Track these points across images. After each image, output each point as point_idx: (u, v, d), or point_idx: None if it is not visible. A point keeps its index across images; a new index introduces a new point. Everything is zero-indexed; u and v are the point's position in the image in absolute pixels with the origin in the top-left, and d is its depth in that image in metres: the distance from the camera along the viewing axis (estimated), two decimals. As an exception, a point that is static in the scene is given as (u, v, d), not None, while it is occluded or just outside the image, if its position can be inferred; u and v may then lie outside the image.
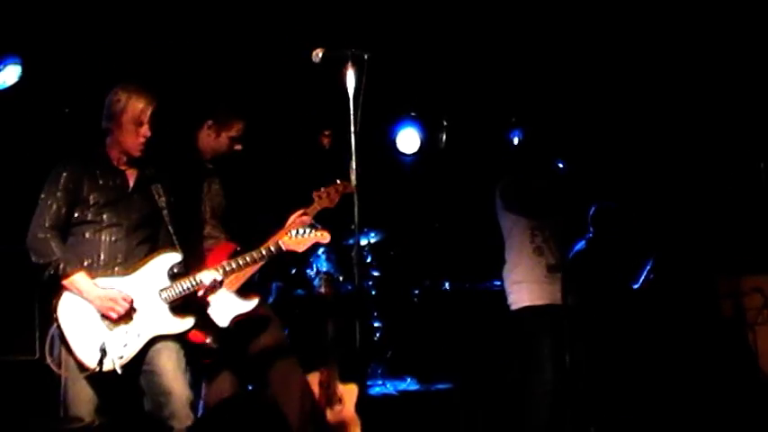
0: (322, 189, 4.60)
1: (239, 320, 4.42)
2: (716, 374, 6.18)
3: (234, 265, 4.20)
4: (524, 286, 5.10)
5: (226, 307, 4.38)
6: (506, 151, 6.02)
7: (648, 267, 6.55)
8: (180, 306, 4.08)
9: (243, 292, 4.45)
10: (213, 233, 4.58)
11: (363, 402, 5.98)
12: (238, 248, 4.46)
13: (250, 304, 4.45)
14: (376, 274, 7.53)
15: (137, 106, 4.03)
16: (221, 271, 4.16)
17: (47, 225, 3.95)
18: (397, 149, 7.64)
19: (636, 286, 6.55)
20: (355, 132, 3.67)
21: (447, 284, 7.52)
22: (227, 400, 4.53)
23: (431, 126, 7.66)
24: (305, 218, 4.52)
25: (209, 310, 4.31)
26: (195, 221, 4.54)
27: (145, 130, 4.05)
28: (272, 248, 4.28)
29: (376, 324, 7.38)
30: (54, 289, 3.94)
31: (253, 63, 6.64)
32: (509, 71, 7.08)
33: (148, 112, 4.05)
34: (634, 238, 6.57)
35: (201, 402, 4.49)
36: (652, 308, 6.46)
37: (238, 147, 4.67)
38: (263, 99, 6.64)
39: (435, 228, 7.79)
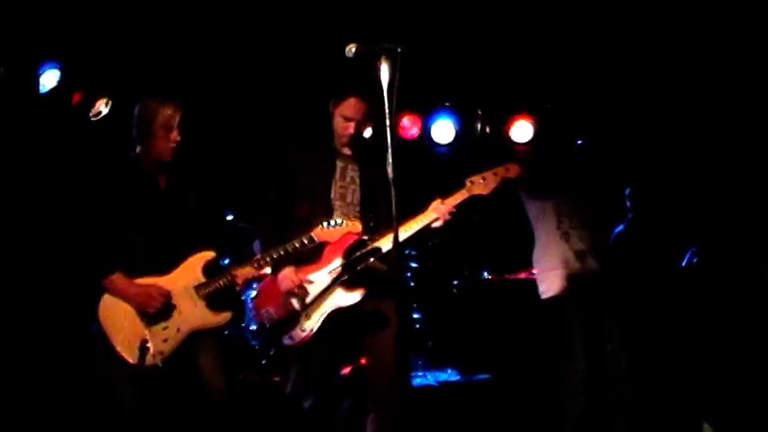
0: (477, 174, 4.34)
1: (344, 312, 4.35)
2: (760, 360, 6.10)
3: (267, 258, 4.25)
4: (554, 274, 5.06)
5: (326, 295, 4.36)
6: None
7: (692, 251, 6.50)
8: (217, 301, 4.20)
9: (348, 284, 4.36)
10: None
11: (404, 394, 6.02)
12: (365, 238, 4.36)
13: (353, 297, 4.34)
14: (415, 265, 7.54)
15: (166, 113, 4.21)
16: (255, 265, 4.23)
17: (86, 226, 4.10)
18: (432, 140, 7.61)
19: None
20: (390, 126, 3.66)
21: (486, 274, 7.52)
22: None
23: (466, 116, 7.61)
24: (444, 206, 4.32)
25: (308, 299, 4.31)
26: (312, 210, 4.45)
27: (175, 135, 4.23)
28: (305, 240, 4.28)
29: (416, 315, 7.40)
30: (95, 288, 4.08)
31: (285, 58, 6.69)
32: (544, 58, 7.02)
33: (177, 118, 4.23)
34: (676, 220, 6.51)
35: (290, 385, 4.45)
36: (695, 292, 6.40)
37: (349, 129, 4.50)
38: (297, 94, 6.69)
39: (473, 218, 7.77)
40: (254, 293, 4.66)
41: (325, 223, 4.29)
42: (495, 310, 7.22)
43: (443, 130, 7.51)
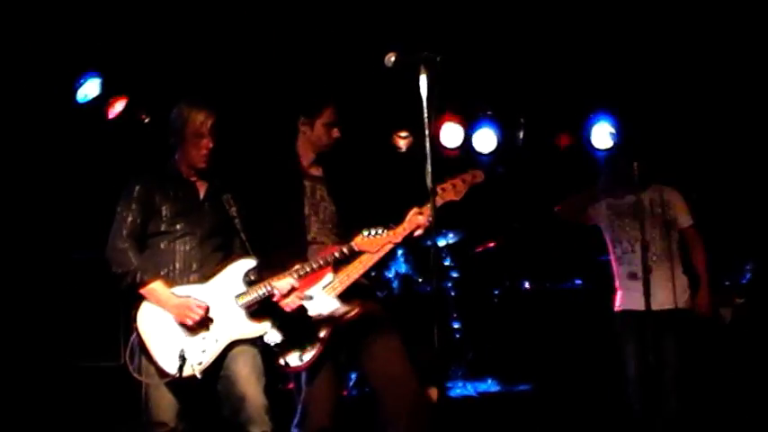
0: (447, 180, 4.33)
1: (344, 322, 4.33)
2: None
3: (308, 269, 4.18)
4: (618, 293, 5.32)
5: (326, 311, 4.32)
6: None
7: (748, 268, 6.43)
8: (256, 311, 4.14)
9: (346, 297, 4.34)
10: (319, 238, 4.48)
11: (443, 404, 5.95)
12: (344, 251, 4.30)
13: (351, 309, 4.34)
14: (455, 275, 7.50)
15: (197, 119, 4.14)
16: (296, 276, 4.15)
17: (124, 235, 4.07)
18: (474, 149, 7.57)
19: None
20: (429, 136, 3.56)
21: (527, 284, 7.44)
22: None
23: (508, 125, 7.59)
24: (422, 216, 4.30)
25: (310, 313, 4.27)
26: (288, 227, 4.46)
27: (207, 143, 4.16)
28: (345, 250, 4.22)
29: (456, 325, 7.35)
30: (133, 298, 4.04)
31: (327, 68, 6.66)
32: (587, 66, 6.92)
33: (209, 124, 4.15)
34: (734, 230, 6.44)
35: (300, 407, 4.40)
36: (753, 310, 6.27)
37: (336, 133, 4.53)
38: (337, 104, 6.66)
39: (514, 227, 7.71)
40: None
41: (365, 232, 4.21)
42: (536, 320, 7.18)
43: (485, 139, 7.51)
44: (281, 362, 4.30)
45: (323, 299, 4.32)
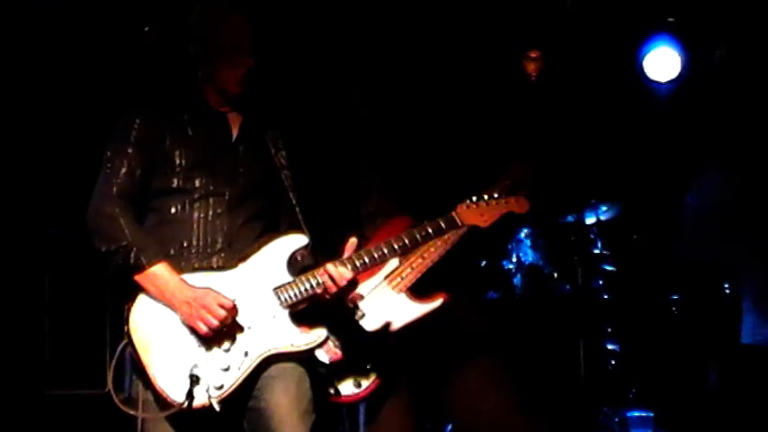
0: (497, 184, 4.48)
1: (418, 331, 4.44)
2: None
3: (366, 259, 4.19)
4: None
5: (393, 312, 4.42)
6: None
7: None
8: (306, 312, 4.16)
9: (418, 291, 4.45)
10: (384, 207, 4.68)
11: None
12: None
13: (427, 307, 4.42)
14: (610, 269, 7.54)
15: (234, 23, 4.19)
16: (350, 266, 4.16)
17: (115, 195, 4.10)
18: (646, 76, 7.57)
19: None
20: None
21: (726, 287, 7.30)
22: None
23: (697, 41, 7.53)
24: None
25: (369, 316, 4.36)
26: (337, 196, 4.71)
27: (246, 58, 4.19)
28: (443, 224, 4.25)
29: (610, 347, 7.41)
30: (126, 289, 4.06)
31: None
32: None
33: (248, 32, 4.20)
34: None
35: None
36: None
37: None
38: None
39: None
40: None
41: (474, 197, 4.28)
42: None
43: (663, 62, 7.52)
44: (330, 390, 4.42)
45: (387, 295, 4.45)
